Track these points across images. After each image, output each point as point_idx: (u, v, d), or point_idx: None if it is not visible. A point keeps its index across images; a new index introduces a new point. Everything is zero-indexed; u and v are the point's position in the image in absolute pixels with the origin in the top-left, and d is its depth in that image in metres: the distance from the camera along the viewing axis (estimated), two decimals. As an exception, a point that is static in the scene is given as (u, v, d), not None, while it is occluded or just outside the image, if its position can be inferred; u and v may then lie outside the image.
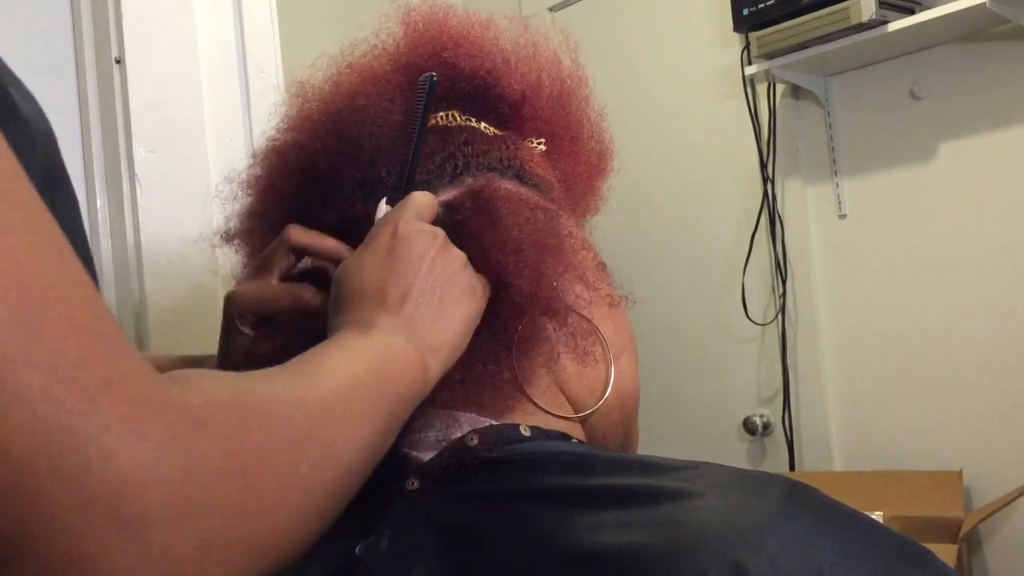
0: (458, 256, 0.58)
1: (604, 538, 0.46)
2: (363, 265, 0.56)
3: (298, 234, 0.63)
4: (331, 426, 0.43)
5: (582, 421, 0.61)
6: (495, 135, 0.66)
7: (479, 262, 0.59)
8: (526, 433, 0.55)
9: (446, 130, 0.64)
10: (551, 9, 2.43)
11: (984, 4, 1.57)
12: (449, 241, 0.58)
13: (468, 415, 0.56)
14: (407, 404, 0.51)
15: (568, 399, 0.61)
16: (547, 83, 0.70)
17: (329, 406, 0.44)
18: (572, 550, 0.47)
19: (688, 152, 2.20)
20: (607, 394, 0.61)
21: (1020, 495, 1.62)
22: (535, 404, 0.58)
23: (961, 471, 1.72)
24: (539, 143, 0.69)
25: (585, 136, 0.73)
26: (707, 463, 0.51)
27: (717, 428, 2.18)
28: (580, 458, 0.53)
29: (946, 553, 1.51)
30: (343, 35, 0.70)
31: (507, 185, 0.62)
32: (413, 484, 0.55)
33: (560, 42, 0.71)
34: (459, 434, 0.56)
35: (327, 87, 0.68)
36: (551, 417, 0.58)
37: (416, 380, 0.52)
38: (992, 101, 1.76)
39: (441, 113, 0.65)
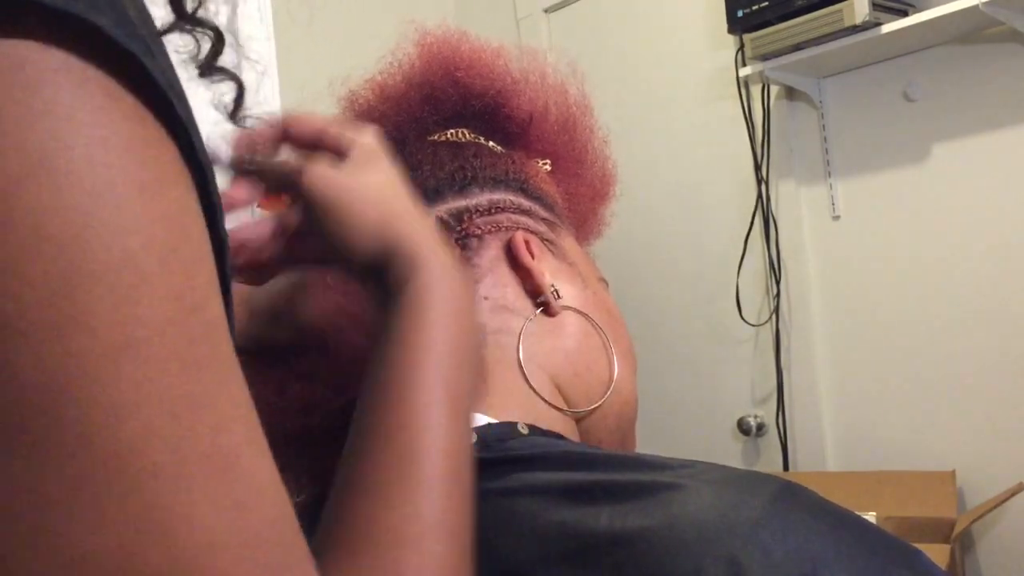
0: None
1: (598, 528, 0.47)
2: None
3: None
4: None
5: (578, 421, 0.62)
6: (502, 152, 0.69)
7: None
8: (523, 431, 0.56)
9: (457, 144, 0.67)
10: (546, 11, 2.44)
11: (977, 6, 1.58)
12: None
13: None
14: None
15: (565, 400, 0.61)
16: (553, 108, 0.73)
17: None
18: (569, 541, 0.47)
19: (682, 153, 2.20)
20: (607, 395, 0.62)
21: (1013, 495, 1.63)
22: (539, 397, 0.59)
23: (954, 471, 1.73)
24: (544, 163, 0.72)
25: (589, 160, 0.76)
26: (702, 462, 0.52)
27: (711, 428, 2.18)
28: (577, 456, 0.53)
29: (939, 553, 1.51)
30: (337, 29, 0.72)
31: None
32: (409, 482, 0.56)
33: (568, 73, 0.75)
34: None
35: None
36: (549, 415, 0.59)
37: None
38: (985, 102, 1.76)
39: (452, 130, 0.68)
